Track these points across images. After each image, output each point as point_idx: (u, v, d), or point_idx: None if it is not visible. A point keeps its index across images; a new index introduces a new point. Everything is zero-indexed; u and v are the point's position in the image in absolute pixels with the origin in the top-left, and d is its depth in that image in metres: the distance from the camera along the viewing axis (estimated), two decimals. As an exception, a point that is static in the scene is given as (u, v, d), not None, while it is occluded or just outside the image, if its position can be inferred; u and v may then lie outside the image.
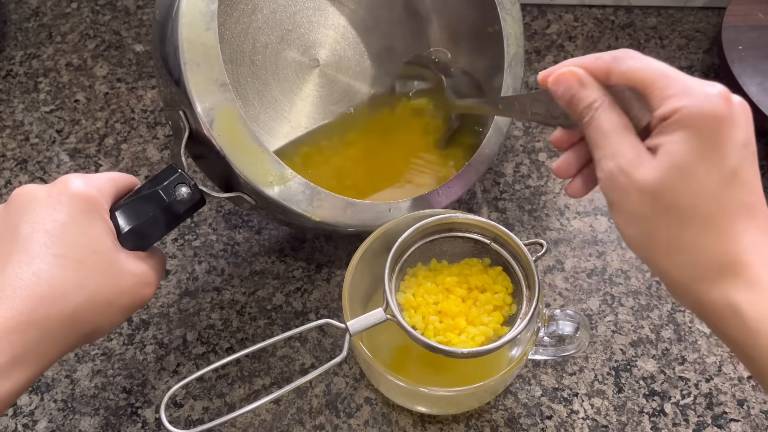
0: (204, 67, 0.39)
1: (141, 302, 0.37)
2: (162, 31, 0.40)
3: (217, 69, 0.39)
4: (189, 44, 0.38)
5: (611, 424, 0.46)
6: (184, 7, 0.39)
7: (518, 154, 0.59)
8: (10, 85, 0.65)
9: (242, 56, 0.51)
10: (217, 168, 0.42)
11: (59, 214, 0.34)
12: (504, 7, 0.50)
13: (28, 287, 0.32)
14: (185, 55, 0.38)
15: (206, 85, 0.39)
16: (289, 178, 0.42)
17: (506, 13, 0.50)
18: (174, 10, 0.39)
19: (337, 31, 0.55)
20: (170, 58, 0.39)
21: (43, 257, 0.33)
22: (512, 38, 0.51)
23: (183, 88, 0.39)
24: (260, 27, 0.51)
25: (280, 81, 0.53)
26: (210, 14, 0.39)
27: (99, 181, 0.37)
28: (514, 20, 0.51)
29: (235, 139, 0.40)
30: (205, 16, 0.39)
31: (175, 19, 0.39)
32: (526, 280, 0.41)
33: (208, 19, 0.39)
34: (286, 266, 0.53)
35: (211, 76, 0.39)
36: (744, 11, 0.62)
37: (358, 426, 0.45)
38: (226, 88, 0.40)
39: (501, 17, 0.50)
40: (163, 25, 0.40)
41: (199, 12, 0.39)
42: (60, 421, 0.46)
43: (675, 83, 0.28)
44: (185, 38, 0.38)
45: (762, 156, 0.59)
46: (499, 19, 0.50)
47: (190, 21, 0.39)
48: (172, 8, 0.39)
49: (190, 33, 0.39)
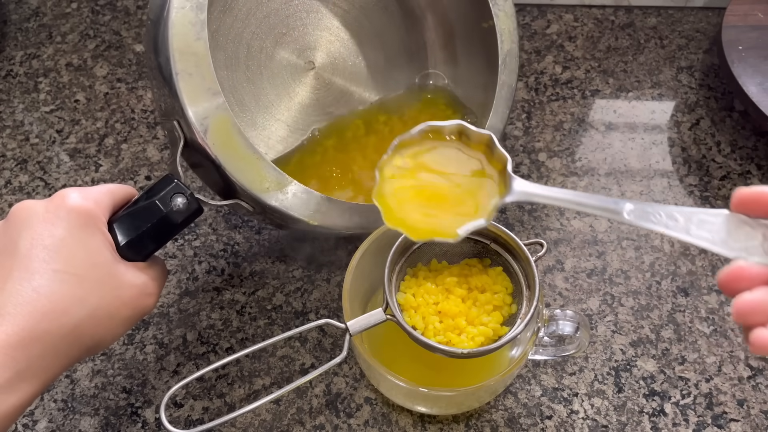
0: (196, 76, 0.39)
1: (142, 313, 0.37)
2: (154, 41, 0.40)
3: (209, 78, 0.39)
4: (180, 54, 0.38)
5: (611, 424, 0.46)
6: (174, 17, 0.39)
7: (518, 154, 0.59)
8: (10, 85, 0.65)
9: (237, 62, 0.51)
10: (214, 176, 0.42)
11: (57, 229, 0.34)
12: (496, 3, 0.50)
13: (29, 303, 0.32)
14: (176, 65, 0.38)
15: (199, 94, 0.39)
16: (286, 184, 0.42)
17: (499, 9, 0.50)
18: (163, 21, 0.39)
19: (332, 32, 0.55)
20: (162, 68, 0.39)
21: (43, 273, 0.33)
22: (506, 34, 0.51)
23: (176, 98, 0.39)
24: (254, 32, 0.51)
25: (276, 85, 0.53)
26: (200, 24, 0.39)
27: (96, 194, 0.37)
28: (507, 16, 0.51)
29: (230, 147, 0.40)
30: (194, 26, 0.39)
31: (164, 30, 0.39)
32: (526, 280, 0.41)
33: (198, 29, 0.39)
34: (286, 266, 0.53)
35: (204, 85, 0.39)
36: (744, 11, 0.62)
37: (358, 426, 0.46)
38: (219, 96, 0.39)
39: (494, 13, 0.50)
40: (155, 35, 0.40)
41: (189, 22, 0.39)
42: (60, 421, 0.46)
43: None
44: (176, 48, 0.38)
45: (762, 156, 0.59)
46: (492, 15, 0.50)
47: (180, 31, 0.39)
48: (161, 18, 0.39)
49: (181, 43, 0.39)
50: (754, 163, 0.58)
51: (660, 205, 0.31)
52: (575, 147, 0.60)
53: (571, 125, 0.61)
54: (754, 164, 0.58)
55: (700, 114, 0.62)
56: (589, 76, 0.65)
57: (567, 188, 0.56)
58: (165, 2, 0.39)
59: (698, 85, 0.64)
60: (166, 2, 0.39)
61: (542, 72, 0.65)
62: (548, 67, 0.66)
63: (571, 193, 0.34)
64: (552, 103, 0.63)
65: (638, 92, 0.64)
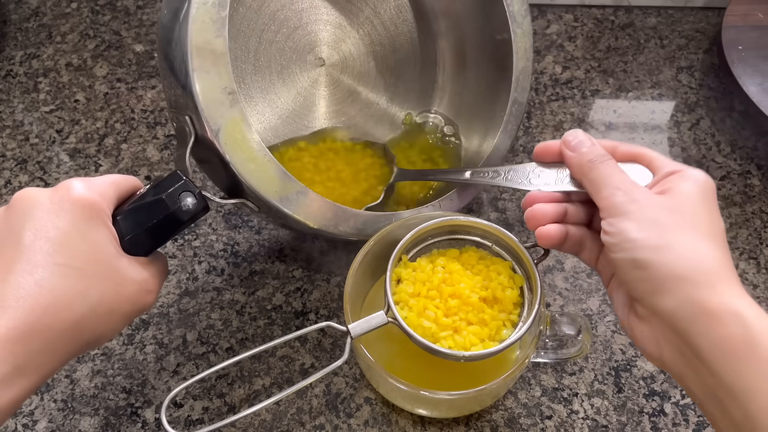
0: (213, 74, 0.38)
1: (142, 309, 0.37)
2: (168, 35, 0.39)
3: (226, 77, 0.38)
4: (198, 51, 0.37)
5: (611, 424, 0.46)
6: (194, 12, 0.37)
7: (518, 154, 0.59)
8: (10, 85, 0.65)
9: (247, 53, 0.50)
10: (222, 174, 0.41)
11: (61, 221, 0.34)
12: (515, 20, 0.49)
13: (30, 297, 0.31)
14: (194, 61, 0.37)
15: (215, 92, 0.38)
16: (294, 188, 0.41)
17: (517, 27, 0.49)
18: (182, 15, 0.38)
19: (344, 31, 0.54)
20: (177, 62, 0.38)
21: (46, 266, 0.32)
22: (521, 52, 0.50)
23: (190, 94, 0.38)
24: (266, 23, 0.50)
25: (285, 79, 0.52)
26: (221, 21, 0.38)
27: (101, 185, 0.36)
28: (524, 34, 0.50)
29: (242, 147, 0.39)
30: (215, 23, 0.38)
31: (183, 24, 0.38)
32: (528, 282, 0.41)
33: (219, 26, 0.38)
34: (286, 266, 0.53)
35: (220, 84, 0.38)
36: (744, 11, 0.62)
37: (358, 426, 0.46)
38: (235, 96, 0.39)
39: (512, 30, 0.49)
40: (170, 28, 0.39)
41: (210, 19, 0.38)
42: (60, 421, 0.46)
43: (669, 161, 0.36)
44: (194, 45, 0.37)
45: (762, 156, 0.59)
46: (509, 28, 0.49)
47: (200, 27, 0.37)
48: (180, 12, 0.38)
49: (200, 39, 0.38)
50: (754, 163, 0.59)
51: (486, 166, 0.45)
52: (575, 147, 0.60)
53: (571, 125, 0.61)
54: (754, 164, 0.58)
55: (700, 114, 0.62)
56: (589, 76, 0.65)
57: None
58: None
59: (698, 85, 0.64)
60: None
61: (542, 72, 0.65)
62: (548, 67, 0.66)
63: None
64: (552, 103, 0.63)
65: (638, 92, 0.64)
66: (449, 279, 0.40)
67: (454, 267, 0.41)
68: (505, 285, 0.41)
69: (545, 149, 0.40)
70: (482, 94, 0.55)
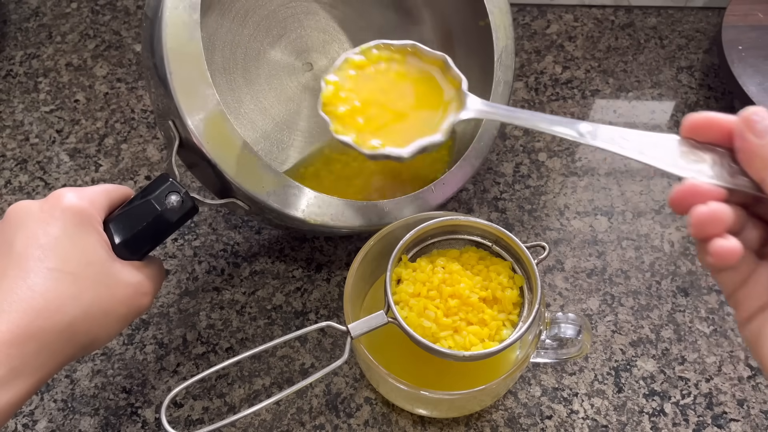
0: (190, 76, 0.39)
1: (138, 312, 0.38)
2: (150, 41, 0.40)
3: (203, 77, 0.40)
4: (174, 54, 0.39)
5: (611, 424, 0.46)
6: (167, 17, 0.39)
7: (518, 154, 0.59)
8: (10, 85, 0.65)
9: (235, 64, 0.51)
10: (210, 176, 0.42)
11: (52, 228, 0.35)
12: (491, 0, 0.50)
13: (23, 301, 0.32)
14: (170, 65, 0.39)
15: (193, 93, 0.39)
16: (281, 182, 0.42)
17: (494, 6, 0.50)
18: (158, 21, 0.39)
19: (329, 34, 0.55)
20: (158, 67, 0.40)
21: (38, 271, 0.33)
22: (501, 30, 0.50)
23: (170, 97, 0.39)
24: (252, 34, 0.51)
25: (274, 86, 0.53)
26: (192, 24, 0.39)
27: (92, 194, 0.37)
28: (501, 12, 0.50)
29: (225, 145, 0.40)
30: (188, 26, 0.39)
31: (159, 29, 0.39)
32: (528, 282, 0.41)
33: (191, 29, 0.39)
34: (286, 266, 0.53)
35: (198, 84, 0.39)
36: (744, 11, 0.62)
37: (358, 426, 0.46)
38: (213, 95, 0.40)
39: (489, 10, 0.50)
40: (150, 34, 0.40)
41: (182, 23, 0.39)
42: (60, 421, 0.46)
43: None
44: (170, 48, 0.39)
45: (762, 156, 0.59)
46: (487, 12, 0.50)
47: (173, 31, 0.39)
48: (156, 19, 0.40)
49: (174, 43, 0.39)
50: (753, 163, 0.58)
51: (615, 127, 0.31)
52: (575, 147, 0.60)
53: (571, 125, 0.61)
54: (753, 164, 0.58)
55: (700, 114, 0.62)
56: (589, 76, 0.65)
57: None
58: (159, 2, 0.39)
59: (698, 85, 0.64)
60: (161, 2, 0.39)
61: (542, 72, 0.65)
62: (548, 67, 0.66)
63: (527, 113, 0.35)
64: (552, 103, 0.63)
65: (638, 92, 0.64)
66: (449, 279, 0.40)
67: (454, 267, 0.41)
68: (505, 285, 0.41)
69: (707, 123, 0.28)
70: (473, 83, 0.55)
